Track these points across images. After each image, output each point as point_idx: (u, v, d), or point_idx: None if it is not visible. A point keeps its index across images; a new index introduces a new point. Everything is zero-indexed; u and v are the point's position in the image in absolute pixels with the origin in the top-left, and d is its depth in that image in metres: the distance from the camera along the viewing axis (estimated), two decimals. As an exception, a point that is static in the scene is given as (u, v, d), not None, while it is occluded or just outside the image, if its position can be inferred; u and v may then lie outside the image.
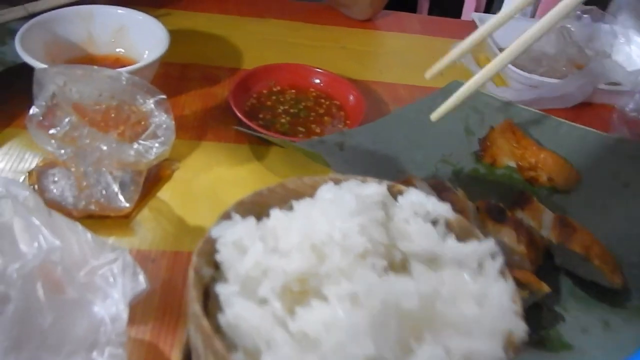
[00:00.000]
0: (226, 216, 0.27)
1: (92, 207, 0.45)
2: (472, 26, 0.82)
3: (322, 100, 0.64)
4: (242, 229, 0.25)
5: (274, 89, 0.64)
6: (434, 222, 0.29)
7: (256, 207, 0.28)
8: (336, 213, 0.25)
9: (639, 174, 0.55)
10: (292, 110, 0.61)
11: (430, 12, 1.89)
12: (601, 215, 0.52)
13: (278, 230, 0.25)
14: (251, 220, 0.26)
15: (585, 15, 0.78)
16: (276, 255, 0.24)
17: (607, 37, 0.78)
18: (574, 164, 0.55)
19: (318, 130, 0.60)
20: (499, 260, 0.25)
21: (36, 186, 0.45)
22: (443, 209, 0.29)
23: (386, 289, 0.22)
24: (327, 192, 0.29)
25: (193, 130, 0.59)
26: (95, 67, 0.44)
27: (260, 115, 0.60)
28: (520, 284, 0.41)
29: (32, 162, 0.50)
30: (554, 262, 0.47)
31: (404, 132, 0.58)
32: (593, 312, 0.44)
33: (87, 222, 0.44)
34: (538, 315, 0.43)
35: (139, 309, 0.40)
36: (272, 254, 0.24)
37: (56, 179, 0.45)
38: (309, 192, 0.30)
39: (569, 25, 0.77)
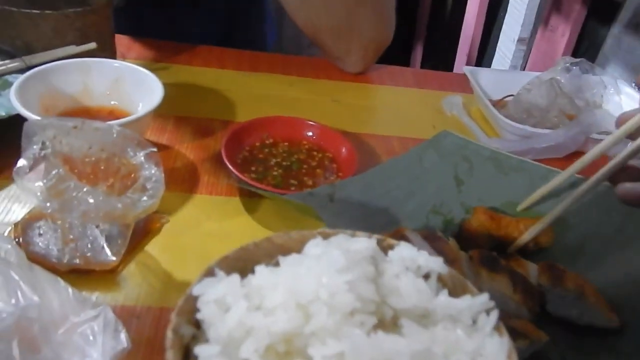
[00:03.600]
0: (209, 272, 0.26)
1: (77, 261, 0.44)
2: (463, 79, 0.84)
3: (315, 153, 0.64)
4: (225, 286, 0.24)
5: (267, 142, 0.64)
6: (426, 277, 0.28)
7: (241, 263, 0.27)
8: (323, 270, 0.24)
9: (630, 220, 0.54)
10: (284, 163, 0.61)
11: (422, 66, 1.94)
12: (586, 263, 0.51)
13: (263, 288, 0.24)
14: (235, 277, 0.25)
15: (574, 67, 0.80)
16: (260, 314, 0.23)
17: (596, 87, 0.80)
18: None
19: (310, 182, 0.59)
20: (494, 316, 0.24)
21: (21, 239, 0.44)
22: (435, 263, 0.28)
23: (375, 347, 0.21)
24: (314, 247, 0.28)
25: (184, 183, 0.59)
26: (86, 119, 0.44)
27: (253, 168, 0.60)
28: (518, 333, 0.40)
29: (18, 214, 0.49)
30: (547, 310, 0.46)
31: (395, 182, 0.58)
32: (593, 358, 0.42)
33: (72, 276, 0.43)
34: (537, 367, 0.42)
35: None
36: (256, 313, 0.23)
37: (42, 232, 0.44)
38: (297, 247, 0.29)
39: (558, 77, 0.79)
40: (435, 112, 0.82)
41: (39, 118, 0.47)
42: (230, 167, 0.56)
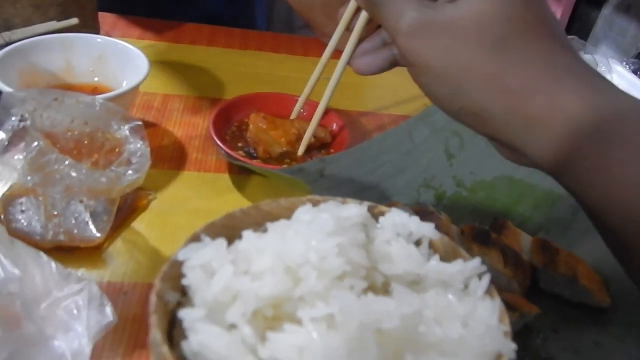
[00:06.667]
0: (195, 238, 0.25)
1: (61, 237, 0.43)
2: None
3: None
4: (211, 251, 0.23)
5: (256, 118, 0.63)
6: (417, 243, 0.27)
7: (228, 230, 0.27)
8: (312, 234, 0.23)
9: None
10: (274, 139, 0.60)
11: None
12: (577, 235, 0.51)
13: (250, 253, 0.24)
14: (221, 241, 0.24)
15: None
16: (247, 279, 0.22)
17: (587, 66, 0.79)
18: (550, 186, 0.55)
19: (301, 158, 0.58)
20: (486, 280, 0.24)
21: (2, 216, 0.43)
22: (426, 229, 0.27)
23: (364, 309, 0.20)
24: (304, 213, 0.27)
25: (172, 160, 0.58)
26: (68, 92, 0.42)
27: (240, 144, 0.59)
28: (509, 307, 0.40)
29: None
30: (539, 285, 0.46)
31: (386, 157, 0.57)
32: (584, 332, 0.43)
33: (56, 253, 0.42)
34: (529, 338, 0.42)
35: (107, 344, 0.38)
36: (243, 277, 0.22)
37: (24, 208, 0.43)
38: (286, 214, 0.28)
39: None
40: (426, 90, 0.81)
41: (13, 90, 0.45)
42: (218, 142, 0.55)
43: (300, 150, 0.58)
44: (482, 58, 0.30)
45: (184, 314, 0.21)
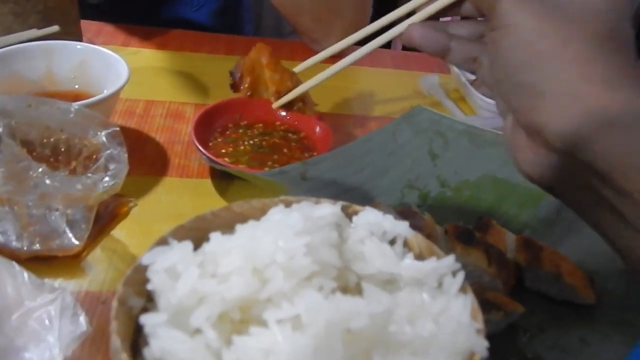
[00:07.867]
0: (162, 242, 0.25)
1: (37, 246, 0.42)
2: (441, 60, 0.83)
3: (290, 135, 0.62)
4: (176, 254, 0.23)
5: (240, 123, 0.62)
6: (392, 242, 0.27)
7: (198, 233, 0.26)
8: (281, 233, 0.23)
9: None
10: (257, 143, 0.60)
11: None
12: (561, 233, 0.50)
13: (217, 255, 0.23)
14: (187, 244, 0.23)
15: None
16: (214, 281, 0.22)
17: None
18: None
19: (285, 162, 0.58)
20: (460, 277, 0.23)
21: (-23, 226, 0.42)
22: (401, 228, 0.27)
23: (332, 309, 0.20)
24: (275, 214, 0.27)
25: (154, 166, 0.57)
26: (42, 98, 0.42)
27: (223, 151, 0.58)
28: (493, 306, 0.39)
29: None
30: (524, 284, 0.46)
31: (369, 159, 0.57)
32: (570, 330, 0.42)
33: (34, 263, 0.41)
34: (514, 337, 0.41)
35: (84, 353, 0.37)
36: (210, 280, 0.22)
37: (-1, 218, 0.42)
38: (258, 215, 0.28)
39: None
40: (413, 92, 0.80)
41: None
42: (199, 146, 0.54)
43: (276, 104, 0.58)
44: (574, 38, 0.32)
45: (145, 319, 0.21)
